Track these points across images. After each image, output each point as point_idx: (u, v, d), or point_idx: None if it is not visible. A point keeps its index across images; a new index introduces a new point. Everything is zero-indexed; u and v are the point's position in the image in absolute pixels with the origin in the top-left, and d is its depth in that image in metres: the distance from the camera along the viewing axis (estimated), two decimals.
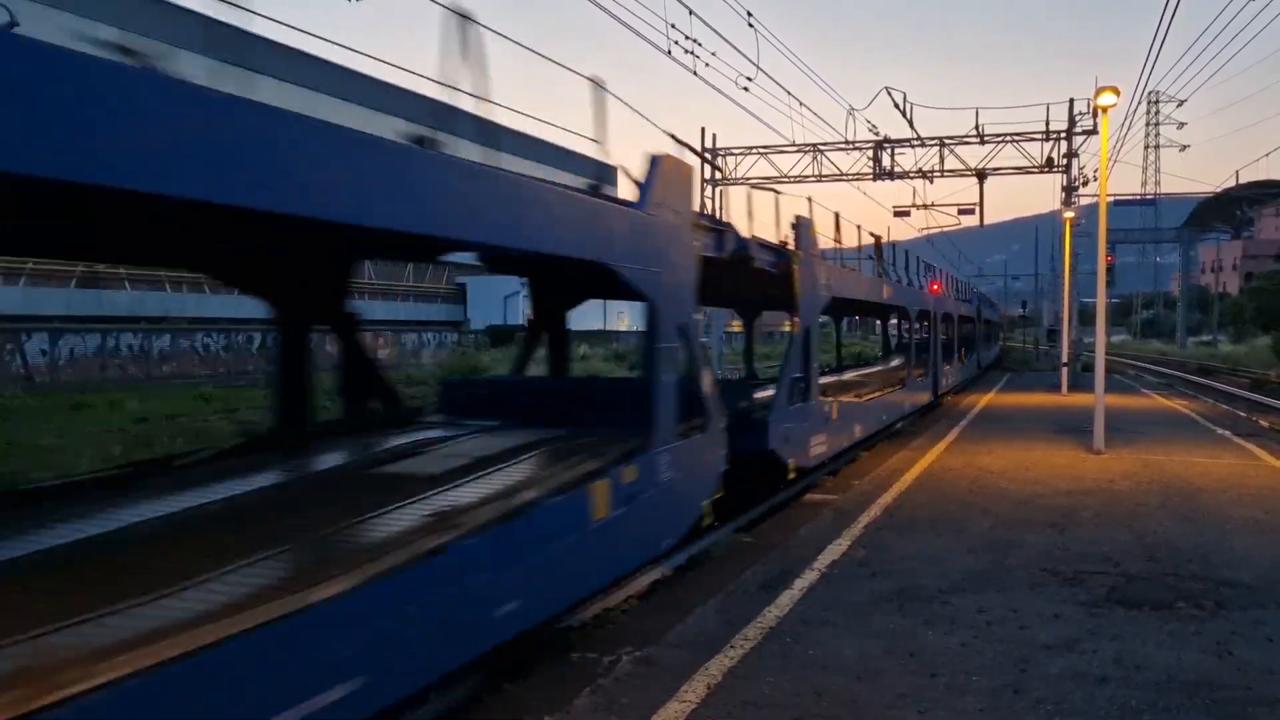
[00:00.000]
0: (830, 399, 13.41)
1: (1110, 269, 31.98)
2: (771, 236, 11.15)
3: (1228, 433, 17.23)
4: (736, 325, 30.85)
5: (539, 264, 8.93)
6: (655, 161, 7.33)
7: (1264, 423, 21.08)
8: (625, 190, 7.34)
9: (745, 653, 5.65)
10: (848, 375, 22.01)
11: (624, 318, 69.04)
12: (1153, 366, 50.45)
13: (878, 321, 33.70)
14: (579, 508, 5.89)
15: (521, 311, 54.81)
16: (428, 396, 13.46)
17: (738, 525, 10.19)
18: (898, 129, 33.57)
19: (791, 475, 11.17)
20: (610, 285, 6.88)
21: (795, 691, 5.05)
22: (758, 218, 11.01)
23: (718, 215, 13.17)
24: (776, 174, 34.49)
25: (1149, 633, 6.05)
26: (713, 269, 8.63)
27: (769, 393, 11.81)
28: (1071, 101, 31.53)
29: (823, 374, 16.88)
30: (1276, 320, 48.05)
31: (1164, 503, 10.34)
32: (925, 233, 37.40)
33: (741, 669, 5.39)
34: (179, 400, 24.36)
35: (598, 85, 6.78)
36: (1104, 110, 15.57)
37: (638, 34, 16.40)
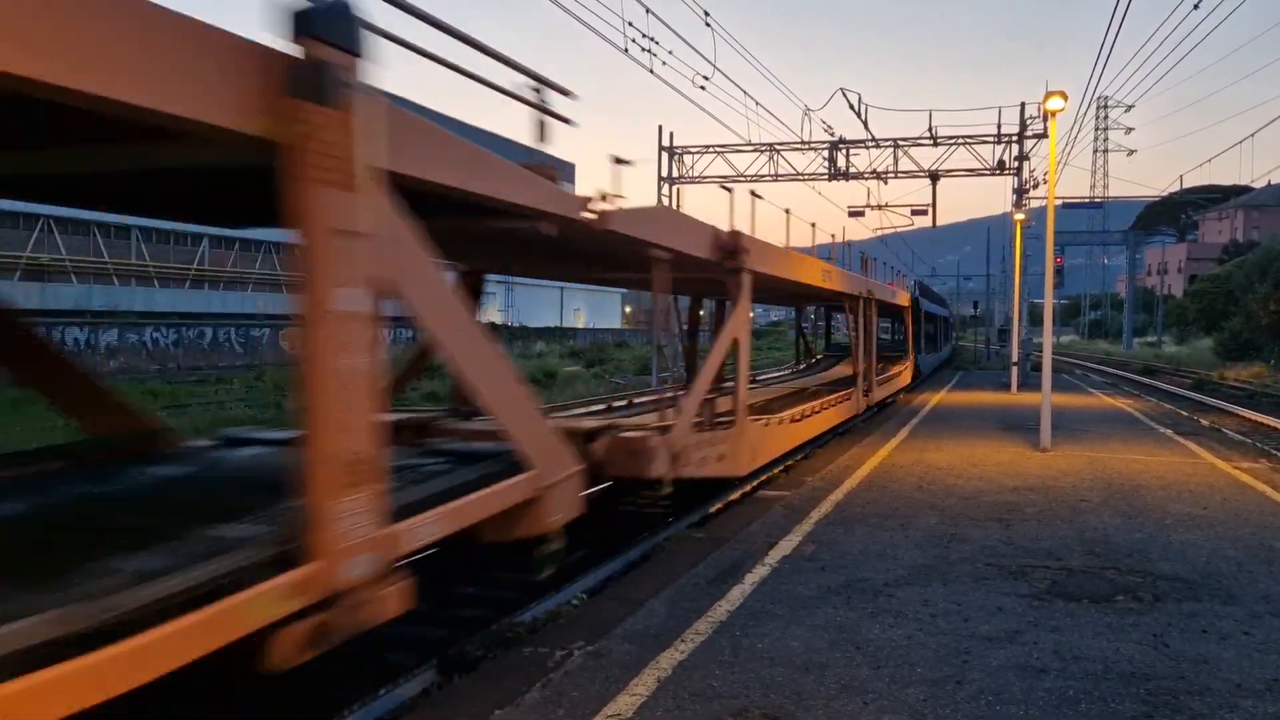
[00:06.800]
0: None
1: (1059, 270, 32.67)
2: None
3: (1169, 431, 17.66)
4: None
5: None
6: None
7: (1204, 421, 21.64)
8: None
9: (695, 646, 5.70)
10: None
11: (580, 313, 68.83)
12: (1099, 366, 51.50)
13: None
14: None
15: None
16: None
17: (691, 521, 10.27)
18: (853, 130, 33.94)
19: None
20: None
21: (742, 684, 5.11)
22: None
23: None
24: (734, 173, 34.66)
25: (1088, 625, 6.20)
26: None
27: None
28: (1023, 105, 32.05)
29: None
30: (1218, 322, 49.30)
31: (1106, 499, 10.59)
32: (879, 233, 37.87)
33: (690, 662, 5.44)
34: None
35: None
36: (1052, 114, 15.89)
37: (595, 31, 16.44)
